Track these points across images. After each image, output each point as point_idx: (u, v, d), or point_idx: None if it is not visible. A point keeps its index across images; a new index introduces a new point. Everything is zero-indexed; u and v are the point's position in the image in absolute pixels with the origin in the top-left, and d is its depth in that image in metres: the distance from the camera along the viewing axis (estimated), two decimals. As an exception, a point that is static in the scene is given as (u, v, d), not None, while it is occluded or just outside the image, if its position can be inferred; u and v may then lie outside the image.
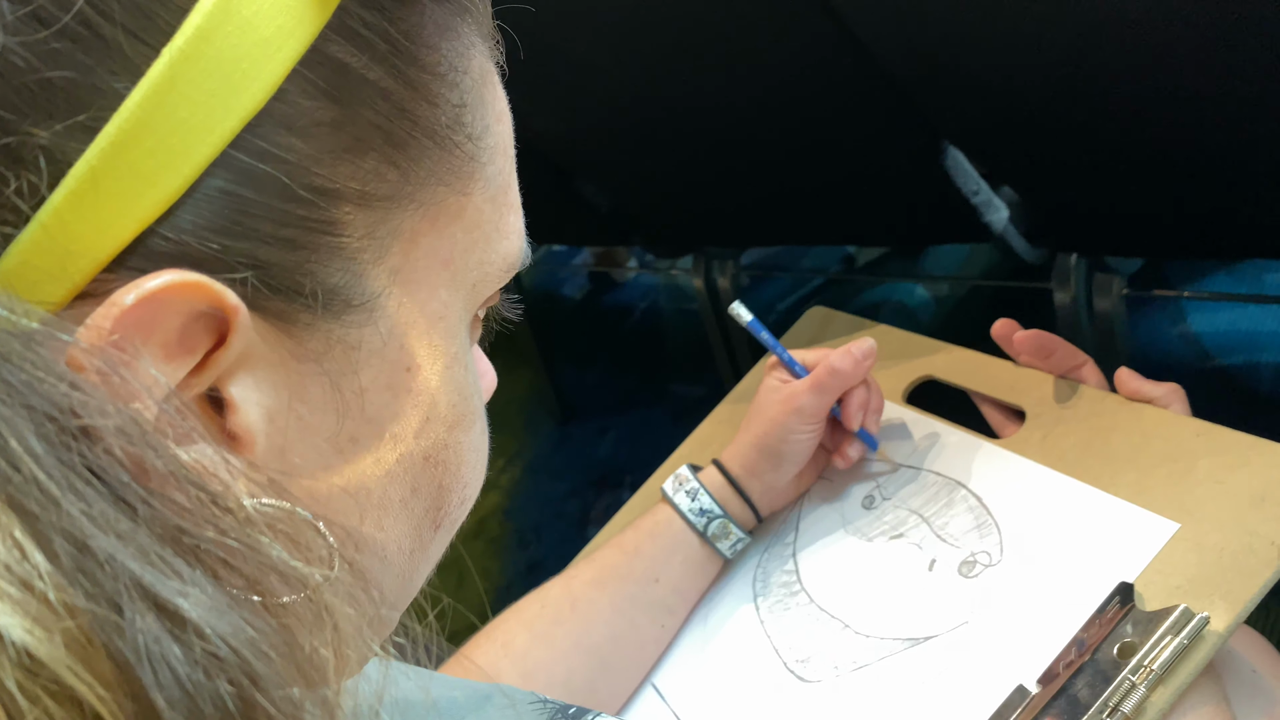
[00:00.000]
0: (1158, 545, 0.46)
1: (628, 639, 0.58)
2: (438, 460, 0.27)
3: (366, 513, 0.25)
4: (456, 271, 0.26)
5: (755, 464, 0.60)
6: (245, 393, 0.22)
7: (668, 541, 0.60)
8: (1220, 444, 0.48)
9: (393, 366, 0.25)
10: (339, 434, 0.24)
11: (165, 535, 0.19)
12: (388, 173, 0.23)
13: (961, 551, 0.53)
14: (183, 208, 0.21)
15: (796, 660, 0.55)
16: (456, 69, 0.25)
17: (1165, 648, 0.41)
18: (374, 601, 0.26)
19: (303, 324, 0.23)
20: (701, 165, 1.04)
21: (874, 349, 0.58)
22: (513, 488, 1.68)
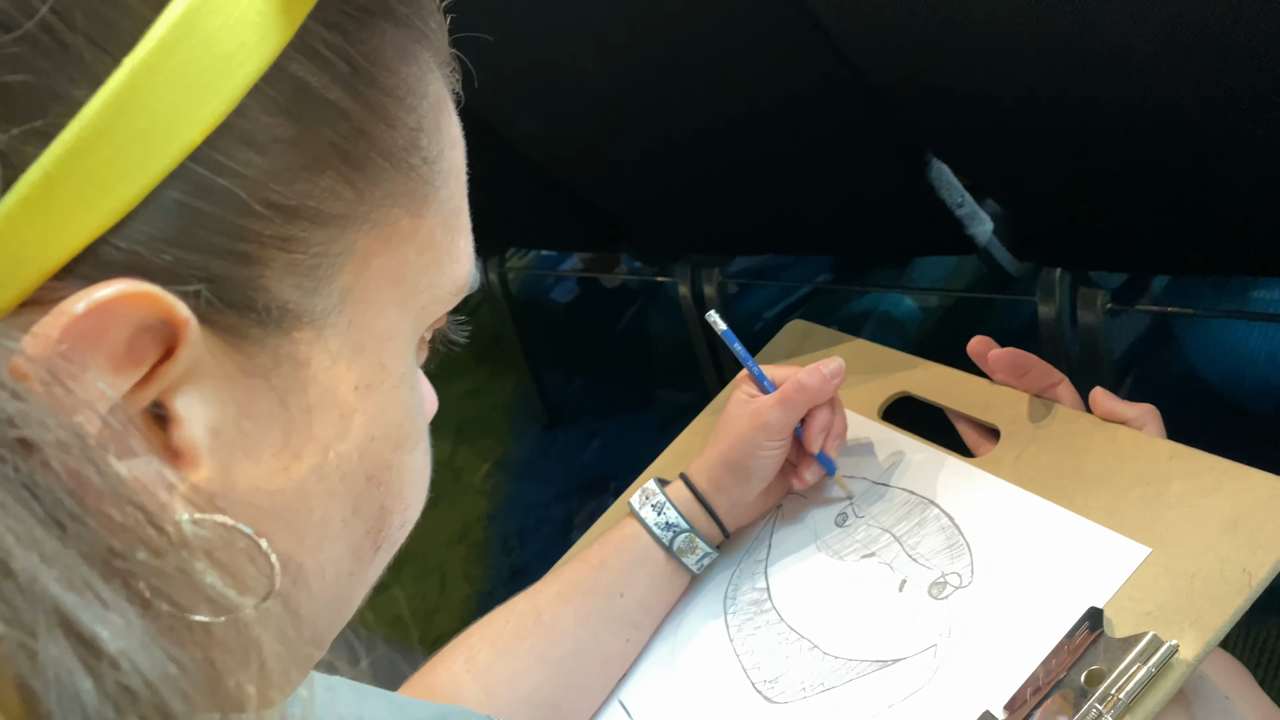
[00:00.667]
0: (1129, 570, 0.46)
1: (592, 653, 0.57)
2: (380, 481, 0.27)
3: (307, 532, 0.25)
4: (407, 292, 0.26)
5: (721, 479, 0.59)
6: (190, 407, 0.22)
7: (633, 556, 0.59)
8: (1193, 467, 0.48)
9: (340, 384, 0.25)
10: (284, 451, 0.24)
11: (94, 557, 0.18)
12: (344, 191, 0.23)
13: (932, 572, 0.53)
14: (137, 218, 0.20)
15: (764, 680, 0.54)
16: (414, 93, 0.25)
17: (1133, 676, 0.41)
18: (303, 631, 0.25)
19: (252, 339, 0.23)
20: (687, 173, 1.04)
21: (842, 368, 0.58)
22: (497, 493, 1.67)
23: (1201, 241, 0.81)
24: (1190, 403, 1.17)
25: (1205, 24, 0.58)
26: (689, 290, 1.36)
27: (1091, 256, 0.92)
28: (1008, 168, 0.84)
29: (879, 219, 0.99)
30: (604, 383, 1.78)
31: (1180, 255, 0.85)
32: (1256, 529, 0.43)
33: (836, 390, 0.59)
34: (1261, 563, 0.42)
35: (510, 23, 0.85)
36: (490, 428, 1.83)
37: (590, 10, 0.81)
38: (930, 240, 1.01)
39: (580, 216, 1.31)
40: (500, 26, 0.85)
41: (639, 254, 1.41)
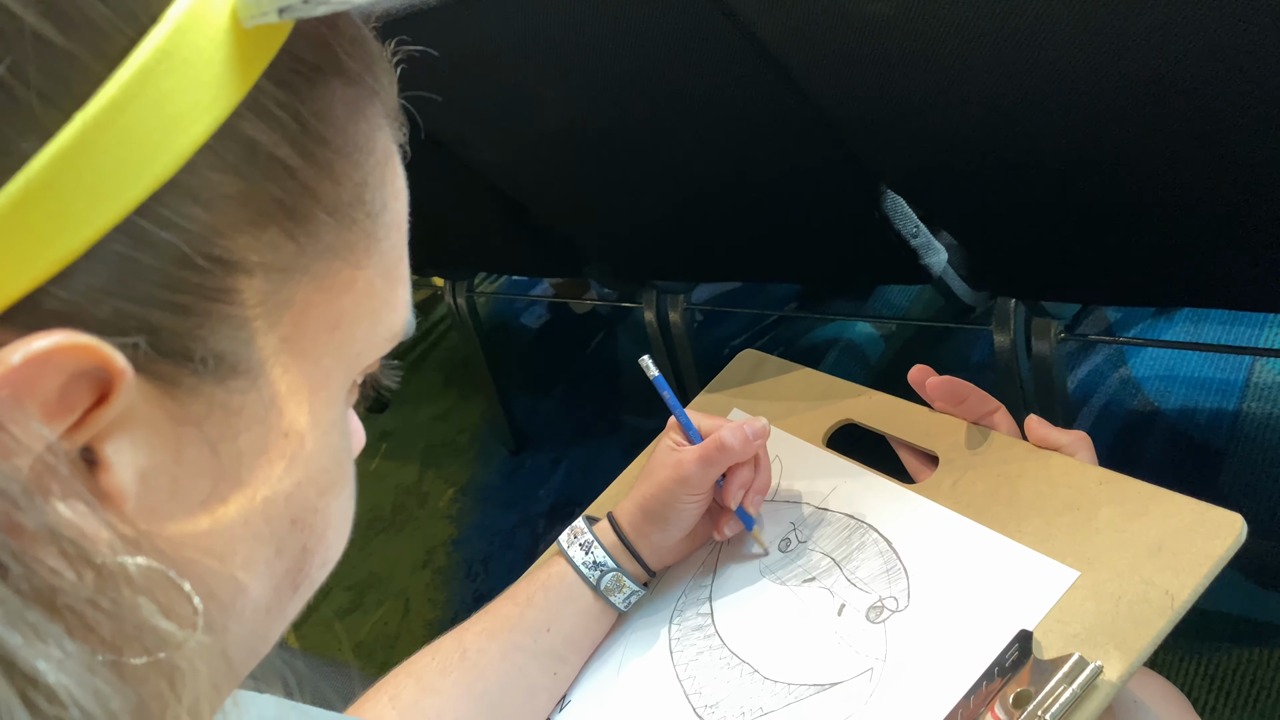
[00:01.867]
0: (1058, 593, 0.46)
1: (517, 686, 0.57)
2: (305, 524, 0.27)
3: (231, 573, 0.25)
4: (343, 341, 0.26)
5: (641, 525, 0.60)
6: (120, 453, 0.22)
7: (561, 594, 0.59)
8: (1122, 493, 0.49)
9: (271, 432, 0.25)
10: (211, 496, 0.24)
11: (32, 595, 0.19)
12: (285, 245, 0.24)
13: (870, 596, 0.53)
14: (78, 269, 0.20)
15: (705, 705, 0.55)
16: (361, 149, 0.25)
17: (1058, 697, 0.41)
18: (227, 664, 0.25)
19: (186, 387, 0.23)
20: (647, 201, 1.05)
21: (766, 429, 0.59)
22: (463, 518, 1.67)
23: (1149, 273, 0.83)
24: (1145, 433, 1.19)
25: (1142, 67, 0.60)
26: (654, 317, 1.37)
27: (1043, 287, 0.94)
28: (959, 200, 0.85)
29: (836, 248, 1.00)
30: (571, 408, 1.78)
31: (1129, 286, 0.87)
32: (1180, 552, 0.44)
33: (759, 449, 0.59)
34: (1184, 585, 0.43)
35: (469, 48, 0.86)
36: (457, 453, 1.83)
37: (549, 37, 0.82)
38: (887, 269, 1.02)
39: (546, 242, 1.32)
40: (459, 51, 0.86)
41: (603, 280, 1.42)
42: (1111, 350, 1.30)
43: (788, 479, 0.65)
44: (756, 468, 0.60)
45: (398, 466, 1.85)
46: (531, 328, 2.06)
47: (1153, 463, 1.05)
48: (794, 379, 0.74)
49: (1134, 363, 1.27)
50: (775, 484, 0.65)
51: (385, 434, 1.95)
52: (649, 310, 1.36)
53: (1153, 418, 1.20)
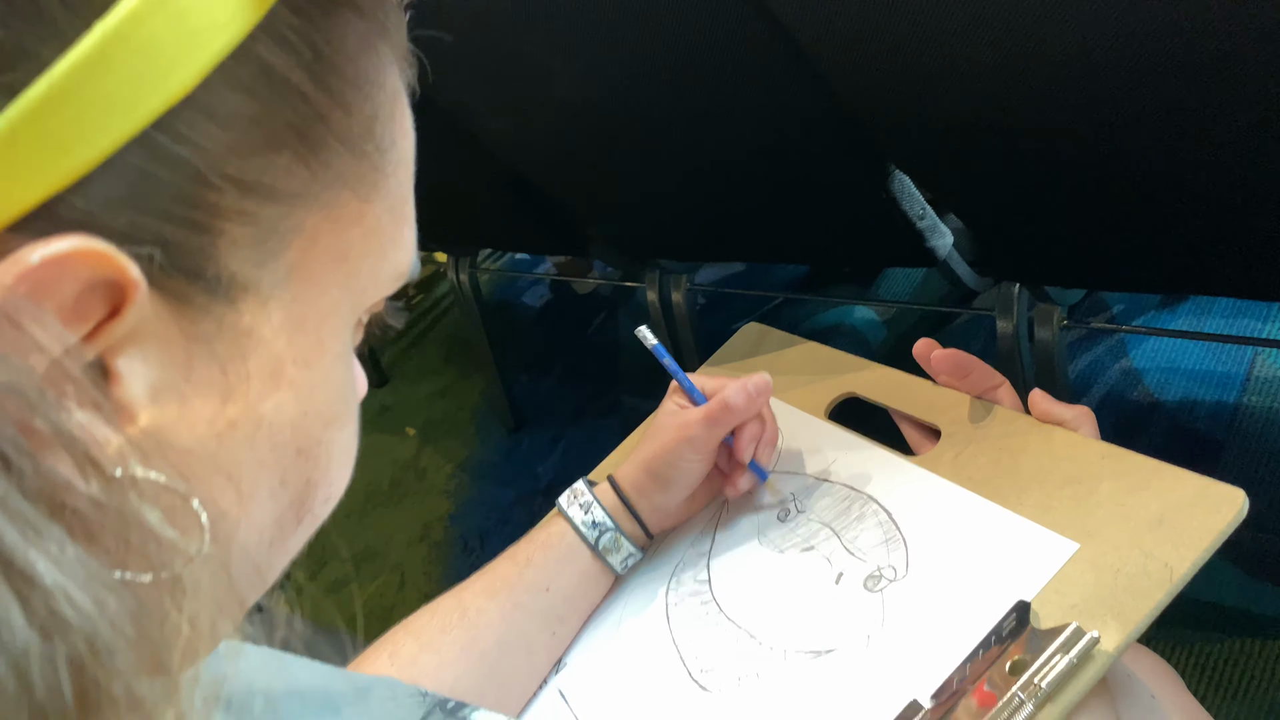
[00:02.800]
0: (1057, 565, 0.46)
1: (516, 645, 0.57)
2: (310, 455, 0.27)
3: (235, 499, 0.25)
4: (350, 274, 0.27)
5: (644, 485, 0.60)
6: (131, 366, 0.22)
7: (560, 553, 0.60)
8: (1124, 467, 0.49)
9: (279, 358, 0.25)
10: (219, 417, 0.24)
11: (39, 497, 0.19)
12: (298, 171, 0.24)
13: (868, 565, 0.53)
14: (96, 179, 0.21)
15: (700, 669, 0.55)
16: (372, 82, 0.26)
17: (1054, 666, 0.41)
18: (230, 591, 0.25)
19: (198, 306, 0.23)
20: (653, 178, 1.05)
21: (768, 385, 0.59)
22: (460, 494, 1.67)
23: (1156, 258, 0.83)
24: (1144, 424, 1.19)
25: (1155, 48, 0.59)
26: (656, 297, 1.36)
27: (1048, 272, 0.93)
28: (966, 181, 0.85)
29: (843, 229, 1.00)
30: (571, 388, 1.78)
31: (1136, 271, 0.86)
32: (1181, 526, 0.44)
33: (763, 405, 0.60)
34: (1183, 558, 0.43)
35: (477, 19, 0.86)
36: (456, 429, 1.83)
37: (559, 7, 0.82)
38: (892, 252, 1.02)
39: (551, 219, 1.32)
40: (467, 23, 0.86)
41: (607, 258, 1.41)
42: (1113, 341, 1.30)
43: (788, 450, 0.65)
44: (762, 421, 0.60)
45: (396, 441, 1.86)
46: (533, 306, 2.06)
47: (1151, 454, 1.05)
48: (797, 352, 0.74)
49: (1135, 354, 1.27)
50: (776, 454, 0.65)
51: (385, 408, 1.95)
52: (651, 290, 1.36)
53: (1152, 409, 1.20)
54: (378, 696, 0.39)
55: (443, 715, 0.39)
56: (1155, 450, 0.49)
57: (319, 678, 0.39)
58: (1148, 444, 0.49)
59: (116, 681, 0.19)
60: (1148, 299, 1.34)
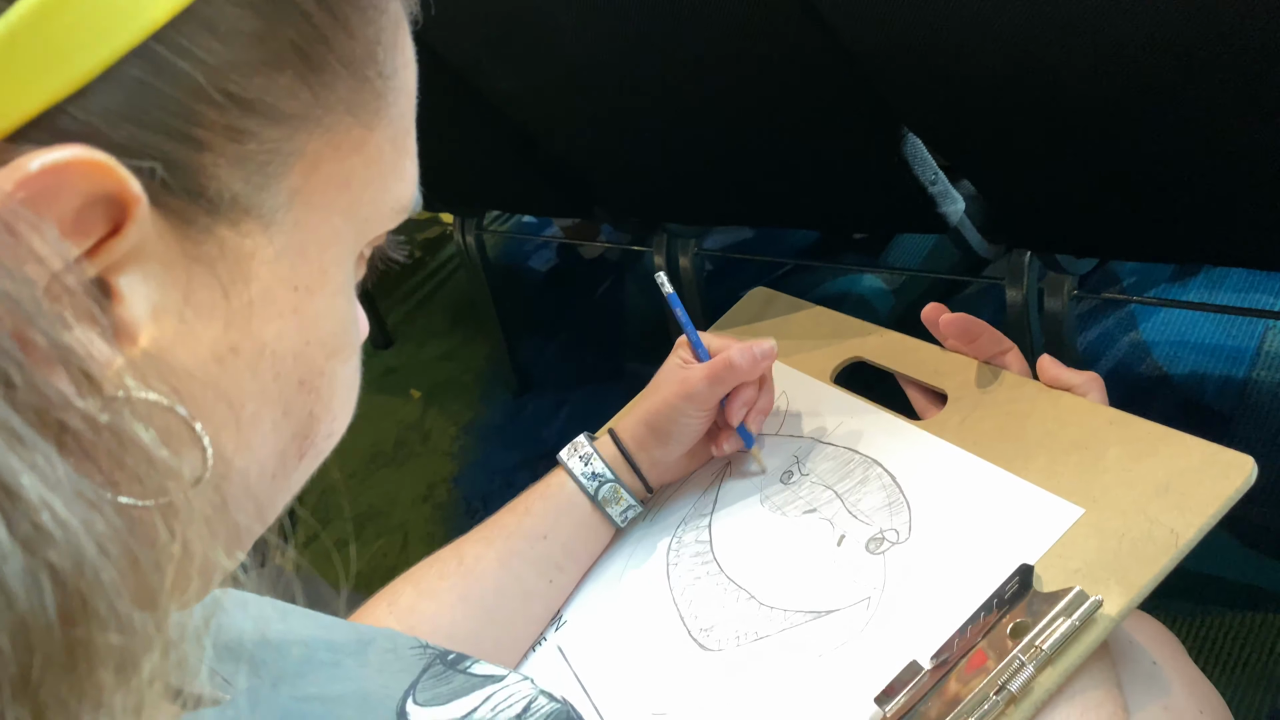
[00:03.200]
0: (1061, 529, 0.46)
1: (514, 592, 0.58)
2: (312, 386, 0.27)
3: (238, 428, 0.25)
4: (351, 202, 0.27)
5: (644, 438, 0.61)
6: (133, 285, 0.22)
7: (559, 503, 0.60)
8: (1131, 433, 0.48)
9: (282, 284, 0.25)
10: (221, 342, 0.24)
11: (31, 410, 0.19)
12: (300, 92, 0.24)
13: (871, 528, 0.53)
14: (96, 90, 0.20)
15: (700, 629, 0.55)
16: (375, 7, 0.26)
17: (1056, 629, 0.41)
18: (227, 522, 0.25)
19: (200, 226, 0.23)
20: (663, 137, 1.04)
21: (773, 350, 0.59)
22: (464, 456, 1.67)
23: (1170, 226, 0.82)
24: (1151, 397, 1.18)
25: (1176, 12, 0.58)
26: (664, 262, 1.36)
27: (1061, 239, 0.92)
28: (981, 145, 0.84)
29: (853, 193, 0.99)
30: (576, 352, 1.78)
31: (1150, 240, 0.85)
32: (1187, 492, 0.44)
33: (766, 370, 0.60)
34: (1189, 524, 0.42)
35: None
36: (461, 392, 1.83)
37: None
38: (903, 217, 1.01)
39: (558, 181, 1.31)
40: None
41: (615, 221, 1.40)
42: (1123, 314, 1.29)
43: (793, 413, 0.65)
44: (761, 388, 0.61)
45: (401, 403, 1.86)
46: (539, 271, 2.05)
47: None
48: (804, 317, 0.74)
49: (1145, 327, 1.26)
50: (780, 418, 0.65)
51: (389, 370, 1.95)
52: (659, 255, 1.35)
53: (1161, 382, 1.19)
54: (378, 648, 0.39)
55: (444, 667, 0.39)
56: (1162, 423, 0.48)
57: (321, 628, 0.39)
58: (1155, 417, 0.48)
59: (101, 599, 0.19)
60: (1159, 272, 1.32)
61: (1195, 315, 1.24)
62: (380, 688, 0.36)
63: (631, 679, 0.55)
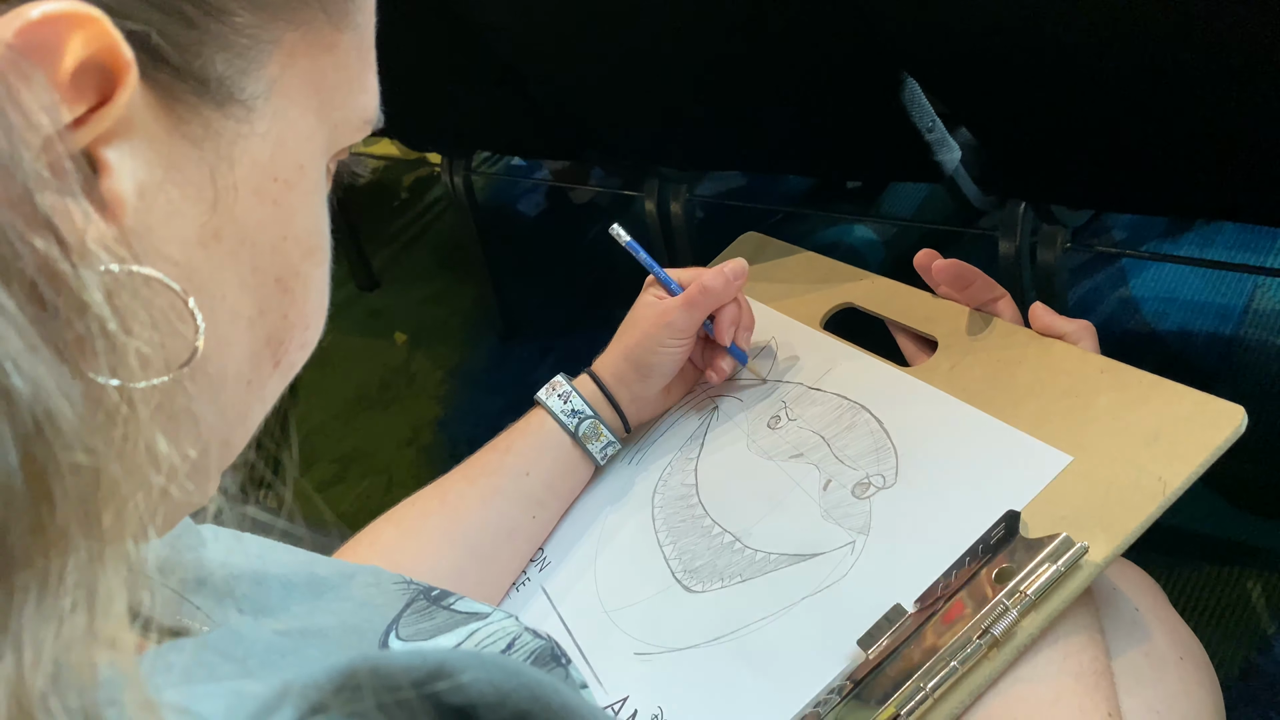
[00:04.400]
0: (1048, 476, 0.46)
1: (496, 528, 0.58)
2: (287, 286, 0.27)
3: (215, 321, 0.25)
4: (324, 103, 0.27)
5: (624, 374, 0.62)
6: (121, 159, 0.22)
7: (540, 440, 0.61)
8: (1122, 381, 0.48)
9: (263, 172, 0.26)
10: (206, 226, 0.25)
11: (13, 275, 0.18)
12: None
13: (857, 473, 0.53)
14: None
15: (685, 571, 0.55)
16: None
17: (1041, 574, 0.41)
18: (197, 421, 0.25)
19: (187, 104, 0.23)
20: (656, 77, 1.02)
21: (745, 269, 0.60)
22: (450, 399, 1.66)
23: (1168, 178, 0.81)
24: (1138, 353, 1.18)
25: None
26: (655, 207, 1.34)
27: (1057, 189, 0.92)
28: (981, 91, 0.83)
29: (849, 137, 0.98)
30: (564, 299, 1.76)
31: (1143, 192, 0.85)
32: (1177, 441, 0.44)
33: (739, 290, 0.61)
34: (1178, 472, 0.42)
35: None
36: (447, 335, 1.81)
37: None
38: (898, 164, 1.00)
39: (550, 122, 1.28)
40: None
41: (607, 164, 1.39)
42: (1113, 270, 1.29)
43: (782, 359, 0.64)
44: (739, 306, 0.62)
45: (386, 345, 1.84)
46: (528, 215, 2.03)
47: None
48: (795, 261, 0.73)
49: (1135, 283, 1.26)
50: (769, 364, 0.65)
51: (375, 313, 1.94)
52: (650, 200, 1.33)
53: (1148, 338, 1.19)
54: (360, 582, 0.39)
55: (427, 602, 0.39)
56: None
57: (301, 563, 0.39)
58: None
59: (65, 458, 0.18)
60: (1151, 228, 1.32)
61: (1185, 273, 1.24)
62: (363, 621, 0.35)
63: (615, 619, 0.55)
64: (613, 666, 0.52)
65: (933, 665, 0.40)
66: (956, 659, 0.40)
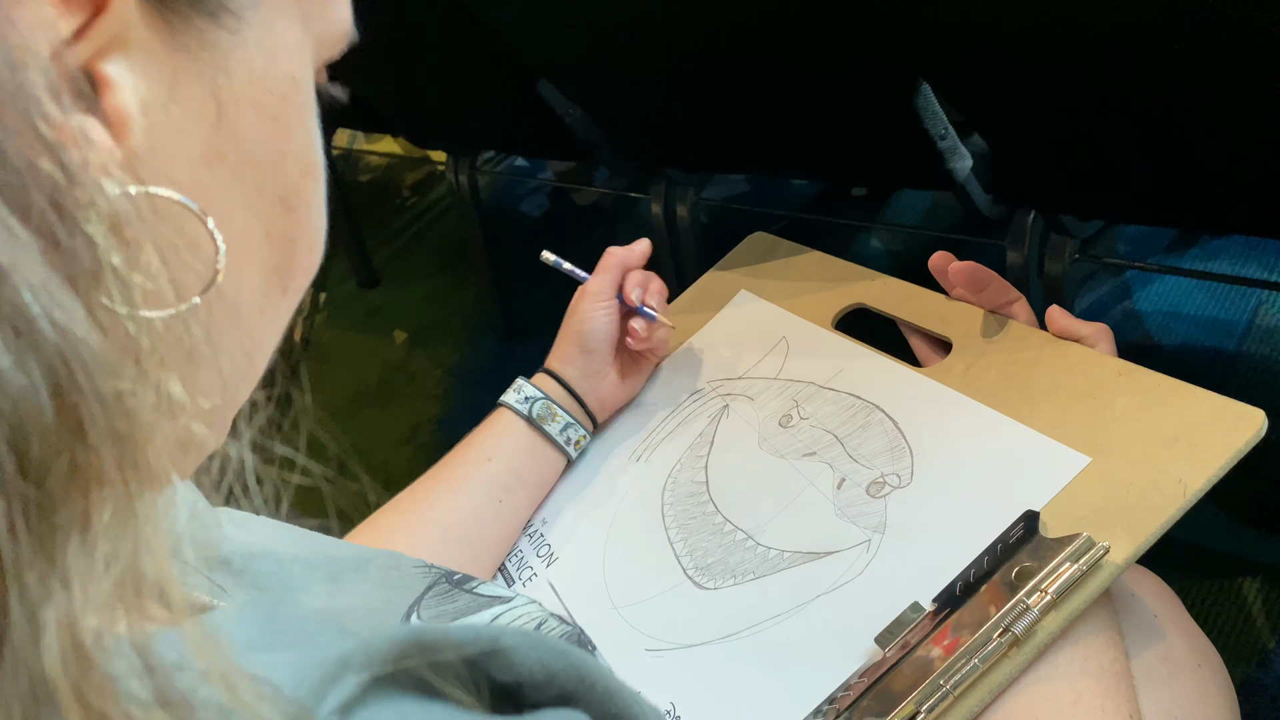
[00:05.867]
0: (1067, 477, 0.46)
1: (464, 511, 0.60)
2: (290, 205, 0.27)
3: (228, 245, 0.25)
4: (306, 13, 0.27)
5: (570, 355, 0.67)
6: (122, 74, 0.22)
7: (498, 428, 0.64)
8: (1141, 384, 0.48)
9: (260, 86, 0.25)
10: (210, 145, 0.24)
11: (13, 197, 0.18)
12: None
13: (872, 472, 0.52)
14: None
15: (696, 568, 0.54)
16: None
17: (1063, 573, 0.41)
18: (215, 365, 0.24)
19: (180, 15, 0.23)
20: (667, 75, 1.02)
21: (648, 245, 0.69)
22: (449, 399, 1.66)
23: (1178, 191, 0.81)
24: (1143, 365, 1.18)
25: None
26: (661, 210, 1.34)
27: (1068, 198, 0.92)
28: (997, 97, 0.83)
29: (861, 142, 0.98)
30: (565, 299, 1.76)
31: (1154, 204, 0.85)
32: (1196, 443, 0.43)
33: (643, 260, 0.69)
34: (1198, 474, 0.42)
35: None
36: (448, 334, 1.81)
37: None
38: (909, 171, 1.00)
39: (558, 122, 1.28)
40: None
41: (614, 165, 1.38)
42: (1118, 283, 1.29)
43: (794, 358, 0.64)
44: (645, 274, 0.68)
45: (385, 343, 1.84)
46: (532, 216, 2.03)
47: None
48: (805, 261, 0.73)
49: (1139, 296, 1.26)
50: (780, 362, 0.64)
51: (375, 310, 1.93)
52: (656, 203, 1.33)
53: (1151, 352, 1.20)
54: (379, 565, 0.39)
55: (449, 585, 0.38)
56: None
57: (320, 545, 0.39)
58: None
59: (93, 392, 0.18)
60: (1155, 243, 1.32)
61: (1190, 288, 1.24)
62: (383, 603, 0.35)
63: (625, 615, 0.54)
64: (623, 663, 0.52)
65: (953, 663, 0.40)
66: (977, 657, 0.40)
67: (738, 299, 0.74)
